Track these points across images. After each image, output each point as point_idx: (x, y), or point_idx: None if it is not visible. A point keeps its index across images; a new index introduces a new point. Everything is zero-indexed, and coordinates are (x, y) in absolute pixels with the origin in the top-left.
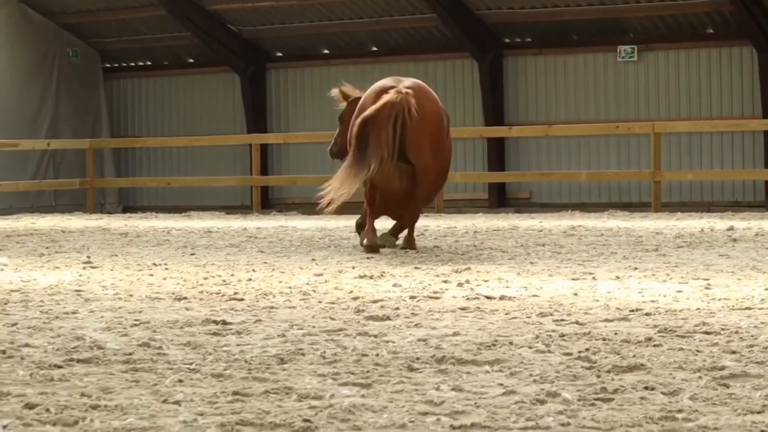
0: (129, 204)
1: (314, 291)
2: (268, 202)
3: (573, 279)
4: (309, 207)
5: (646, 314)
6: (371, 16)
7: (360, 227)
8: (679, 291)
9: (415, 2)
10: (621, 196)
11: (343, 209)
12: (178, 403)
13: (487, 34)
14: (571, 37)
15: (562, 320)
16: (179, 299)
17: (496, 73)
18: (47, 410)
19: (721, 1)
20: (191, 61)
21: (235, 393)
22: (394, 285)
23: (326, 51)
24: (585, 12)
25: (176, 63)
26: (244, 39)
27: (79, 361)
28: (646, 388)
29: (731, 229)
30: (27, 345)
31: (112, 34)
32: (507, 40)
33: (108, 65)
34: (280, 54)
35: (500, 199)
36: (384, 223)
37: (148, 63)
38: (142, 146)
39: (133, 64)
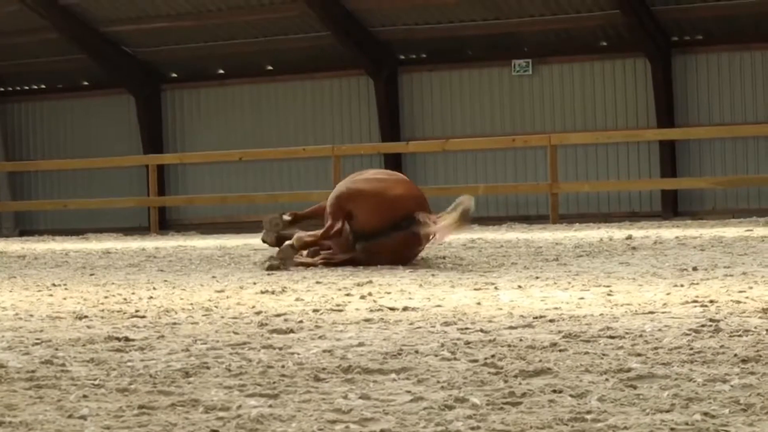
0: (25, 227)
1: (216, 307)
2: (165, 223)
3: (475, 289)
4: (207, 227)
5: (550, 321)
6: (266, 36)
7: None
8: (582, 298)
9: (310, 21)
10: (519, 209)
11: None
12: (83, 417)
13: (382, 51)
14: (466, 52)
15: (467, 329)
16: (80, 318)
17: (392, 89)
18: None
19: (614, 14)
20: (86, 83)
21: (140, 407)
22: (297, 299)
23: (221, 71)
24: (479, 27)
25: (71, 86)
26: (138, 60)
27: None
28: (554, 391)
29: (630, 238)
30: None
31: (5, 57)
32: (402, 57)
33: (2, 89)
34: (174, 75)
35: None
36: None
37: (43, 86)
38: (38, 169)
39: (27, 87)
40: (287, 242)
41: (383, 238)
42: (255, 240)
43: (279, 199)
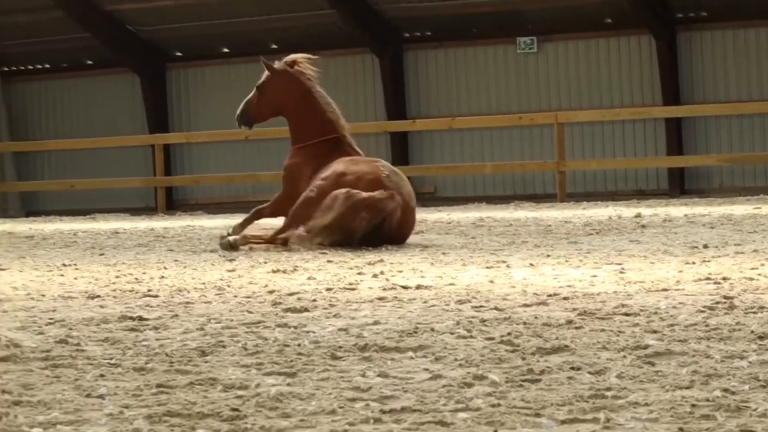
0: (32, 208)
1: (229, 286)
2: (172, 203)
3: (487, 267)
4: (214, 207)
5: (564, 298)
6: (270, 14)
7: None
8: (594, 276)
9: None
10: (526, 187)
11: None
12: (101, 396)
13: (387, 28)
14: (471, 30)
15: (481, 306)
16: (93, 297)
17: (397, 67)
18: None
19: None
20: (90, 62)
21: (158, 386)
22: (309, 278)
23: (226, 50)
24: (484, 4)
25: (75, 65)
26: (142, 39)
27: None
28: (573, 368)
29: (639, 216)
30: None
31: (9, 36)
32: (407, 35)
33: (5, 68)
34: (179, 54)
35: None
36: None
37: (47, 66)
38: (44, 149)
39: (31, 67)
40: (230, 238)
41: None
42: (262, 219)
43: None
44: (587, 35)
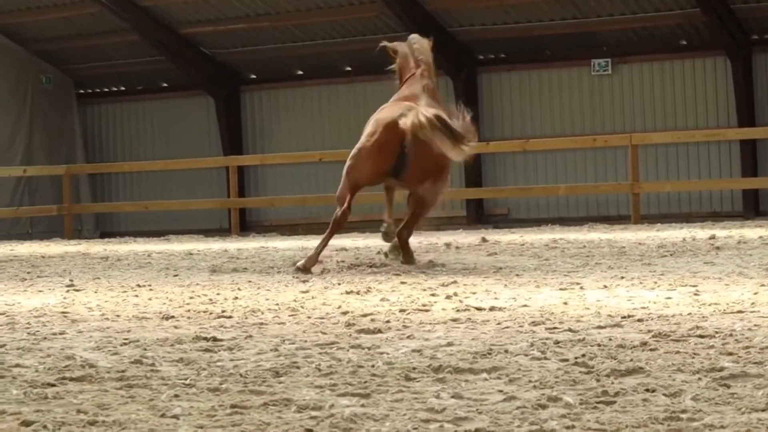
0: (106, 229)
1: (302, 307)
2: (246, 224)
3: (561, 289)
4: (287, 228)
5: (639, 320)
6: (344, 36)
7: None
8: (669, 297)
9: (387, 21)
10: (599, 209)
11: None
12: (176, 417)
13: (461, 51)
14: (545, 52)
15: (555, 328)
16: (167, 318)
17: (471, 89)
18: (44, 427)
19: (694, 12)
20: (165, 85)
21: (233, 406)
22: (382, 299)
23: (300, 72)
24: (558, 26)
25: (150, 87)
26: (217, 62)
27: (72, 379)
28: (647, 390)
29: (713, 237)
30: (18, 365)
31: (86, 60)
32: (480, 57)
33: (82, 91)
34: (253, 76)
35: (478, 216)
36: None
37: (122, 88)
38: (119, 171)
39: (107, 89)
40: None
41: None
42: (335, 241)
43: (359, 201)
44: (662, 57)
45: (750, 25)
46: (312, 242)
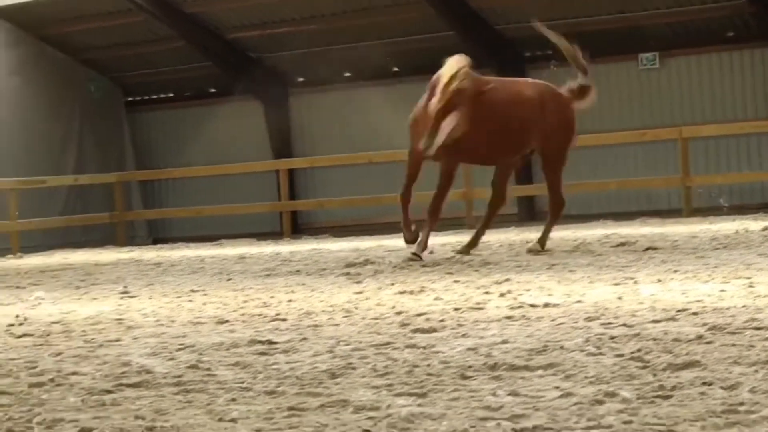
0: (159, 236)
1: (356, 308)
2: (297, 227)
3: (615, 284)
4: (339, 230)
5: (693, 314)
6: (390, 37)
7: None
8: (723, 290)
9: (434, 21)
10: (650, 203)
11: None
12: (234, 420)
13: (508, 48)
14: (592, 47)
15: (610, 323)
16: (222, 322)
17: None
18: None
19: (740, 3)
20: (213, 90)
21: (290, 408)
22: (436, 299)
23: (348, 74)
24: (604, 22)
25: (198, 93)
26: (264, 66)
27: (128, 385)
28: (704, 383)
29: (766, 229)
30: (75, 373)
31: (133, 67)
32: (527, 54)
33: (130, 98)
34: (301, 79)
35: (530, 213)
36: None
37: (170, 95)
38: (169, 177)
39: (155, 96)
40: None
41: None
42: (387, 241)
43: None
44: (709, 49)
45: None
46: (364, 243)
